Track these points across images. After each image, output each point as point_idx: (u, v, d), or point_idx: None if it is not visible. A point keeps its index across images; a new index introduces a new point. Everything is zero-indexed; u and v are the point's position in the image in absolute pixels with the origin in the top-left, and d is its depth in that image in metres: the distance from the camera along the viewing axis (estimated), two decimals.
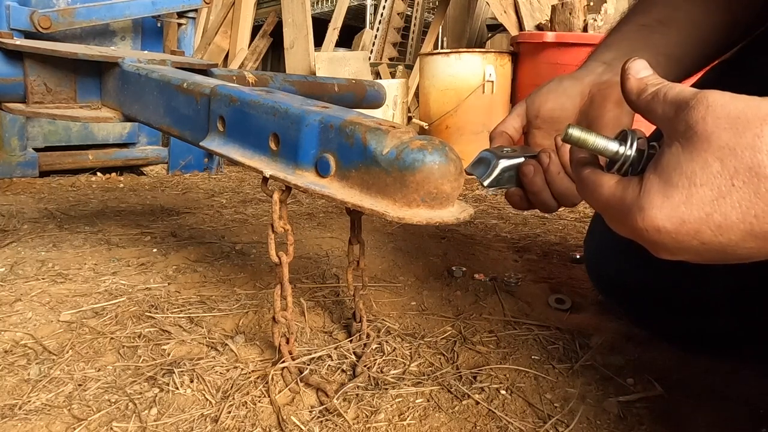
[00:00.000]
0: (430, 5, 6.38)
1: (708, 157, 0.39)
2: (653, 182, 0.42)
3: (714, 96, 0.40)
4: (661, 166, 0.42)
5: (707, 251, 0.41)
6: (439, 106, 2.78)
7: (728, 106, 0.39)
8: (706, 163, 0.39)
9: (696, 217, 0.39)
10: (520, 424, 0.64)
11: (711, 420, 0.65)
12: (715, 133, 0.39)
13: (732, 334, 0.77)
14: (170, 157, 2.50)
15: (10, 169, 2.14)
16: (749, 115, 0.38)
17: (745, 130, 0.38)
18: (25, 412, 0.63)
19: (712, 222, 0.39)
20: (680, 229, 0.40)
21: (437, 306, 0.97)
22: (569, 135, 0.47)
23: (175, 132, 0.87)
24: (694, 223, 0.40)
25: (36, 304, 0.93)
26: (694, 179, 0.39)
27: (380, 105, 1.40)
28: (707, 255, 0.41)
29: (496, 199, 2.11)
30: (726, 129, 0.39)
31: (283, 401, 0.67)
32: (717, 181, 0.38)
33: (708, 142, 0.39)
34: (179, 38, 2.42)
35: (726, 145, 0.38)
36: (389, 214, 0.57)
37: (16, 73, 0.99)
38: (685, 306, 0.78)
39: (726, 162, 0.38)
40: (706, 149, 0.39)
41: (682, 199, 0.40)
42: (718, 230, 0.39)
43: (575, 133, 0.47)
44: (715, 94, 0.40)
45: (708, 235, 0.40)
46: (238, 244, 1.30)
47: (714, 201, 0.39)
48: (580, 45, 2.60)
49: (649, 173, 0.43)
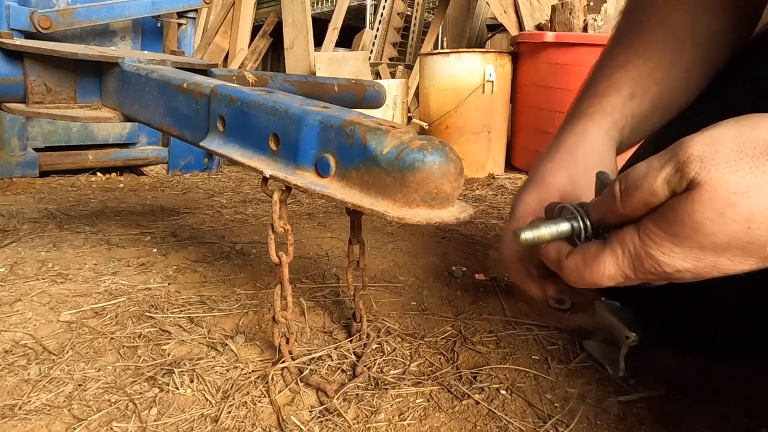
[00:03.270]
0: (430, 5, 6.38)
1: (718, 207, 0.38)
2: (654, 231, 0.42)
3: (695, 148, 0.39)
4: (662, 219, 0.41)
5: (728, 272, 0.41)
6: (439, 106, 2.78)
7: (724, 144, 0.39)
8: (717, 213, 0.38)
9: (710, 256, 0.40)
10: (520, 424, 0.64)
11: (711, 420, 0.65)
12: (722, 179, 0.38)
13: (733, 336, 0.76)
14: (170, 157, 2.50)
15: (10, 169, 2.14)
16: (750, 150, 0.38)
17: (754, 169, 0.38)
18: (25, 412, 0.63)
19: (729, 254, 0.40)
20: (698, 265, 0.41)
21: (437, 306, 0.97)
22: (524, 240, 0.47)
23: (175, 132, 0.87)
24: (710, 259, 0.40)
25: (36, 304, 0.93)
26: (702, 228, 0.39)
27: (380, 105, 1.40)
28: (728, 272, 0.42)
29: (496, 199, 2.11)
30: (733, 172, 0.38)
31: (283, 401, 0.67)
32: (730, 228, 0.39)
33: (715, 190, 0.38)
34: (179, 38, 2.42)
35: (737, 191, 0.38)
36: (389, 214, 0.57)
37: (16, 73, 0.99)
38: (685, 307, 0.78)
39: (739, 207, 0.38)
40: (714, 198, 0.38)
41: (692, 246, 0.40)
42: (735, 259, 0.40)
43: (528, 235, 0.47)
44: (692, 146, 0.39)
45: (727, 266, 0.40)
46: (238, 244, 1.30)
47: (727, 243, 0.39)
48: (580, 45, 2.60)
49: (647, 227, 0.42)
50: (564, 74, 2.65)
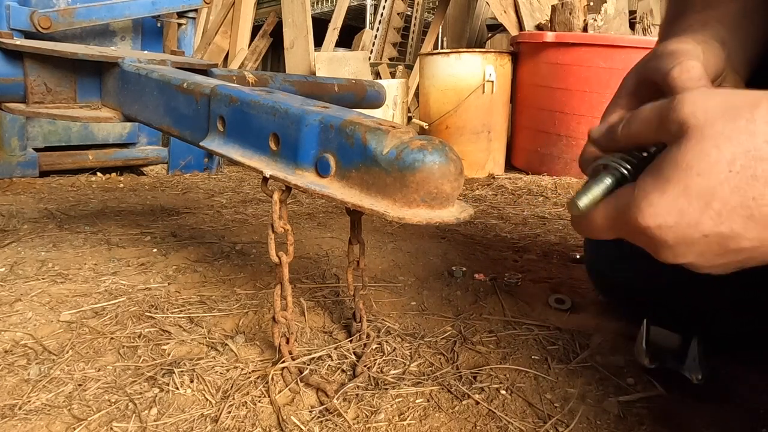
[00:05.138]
0: (430, 5, 6.38)
1: (704, 147, 0.39)
2: (647, 182, 0.41)
3: (694, 93, 0.41)
4: (654, 167, 0.42)
5: (709, 247, 0.40)
6: (439, 106, 2.78)
7: (714, 97, 0.40)
8: (702, 153, 0.39)
9: (695, 207, 0.39)
10: (520, 424, 0.64)
11: (711, 420, 0.65)
12: (708, 122, 0.39)
13: (734, 336, 0.77)
14: (170, 157, 2.50)
15: (10, 168, 2.14)
16: (737, 103, 0.39)
17: (737, 116, 0.38)
18: (25, 412, 0.63)
19: (711, 210, 0.39)
20: (680, 222, 0.40)
21: (437, 306, 0.97)
22: (584, 206, 0.46)
23: (175, 132, 0.87)
24: (694, 214, 0.39)
25: (36, 304, 0.93)
26: (690, 170, 0.39)
27: (380, 105, 1.40)
28: (710, 254, 0.41)
29: (496, 198, 2.12)
30: (719, 117, 0.39)
31: (283, 401, 0.67)
32: (714, 169, 0.38)
33: (701, 132, 0.39)
34: (179, 38, 2.42)
35: (721, 133, 0.38)
36: (389, 214, 0.57)
37: (16, 73, 0.99)
38: (685, 307, 0.78)
39: (722, 148, 0.38)
40: (701, 139, 0.39)
41: (679, 191, 0.39)
42: (718, 218, 0.39)
43: (584, 201, 0.46)
44: (693, 91, 0.41)
45: (708, 226, 0.39)
46: (238, 244, 1.30)
47: (712, 188, 0.38)
48: (580, 45, 2.60)
49: (642, 175, 0.42)
50: (564, 74, 2.65)
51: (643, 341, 0.70)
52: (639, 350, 0.71)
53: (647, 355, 0.69)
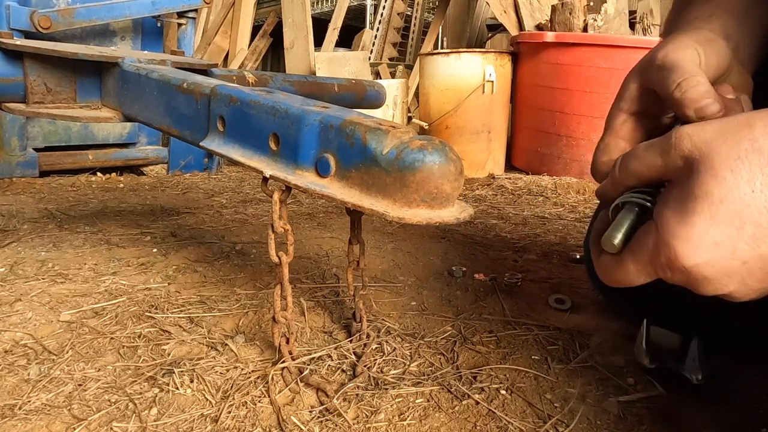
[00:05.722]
0: (430, 5, 6.38)
1: (717, 172, 0.38)
2: (668, 220, 0.40)
3: (689, 127, 0.41)
4: (670, 203, 0.41)
5: (751, 274, 0.39)
6: (439, 106, 2.78)
7: (707, 127, 0.40)
8: (718, 178, 0.38)
9: (727, 235, 0.38)
10: (520, 424, 0.64)
11: (711, 420, 0.65)
12: (713, 149, 0.39)
13: (734, 336, 0.76)
14: (170, 157, 2.50)
15: (10, 168, 2.14)
16: (731, 127, 0.39)
17: (738, 139, 0.38)
18: (25, 412, 0.63)
19: (745, 235, 0.37)
20: (716, 253, 0.38)
21: (437, 306, 0.97)
22: (619, 243, 0.45)
23: (175, 132, 0.87)
24: (728, 242, 0.38)
25: (36, 304, 0.93)
26: (710, 197, 0.38)
27: (380, 105, 1.40)
28: (752, 279, 0.39)
29: (496, 198, 2.12)
30: (721, 144, 0.39)
31: (283, 401, 0.67)
32: (735, 191, 0.38)
33: (710, 160, 0.39)
34: (179, 38, 2.42)
35: (728, 156, 0.38)
36: (389, 214, 0.57)
37: (16, 73, 0.99)
38: (685, 307, 0.78)
39: (736, 170, 0.38)
40: (711, 166, 0.39)
41: (706, 222, 0.38)
42: (754, 242, 0.37)
43: (619, 237, 0.45)
44: (687, 126, 0.42)
45: (746, 251, 0.38)
46: (238, 244, 1.30)
47: (739, 212, 0.37)
48: (580, 45, 2.60)
49: (661, 211, 0.41)
50: (564, 74, 2.65)
51: (643, 341, 0.70)
52: (639, 350, 0.70)
53: (647, 355, 0.69)
